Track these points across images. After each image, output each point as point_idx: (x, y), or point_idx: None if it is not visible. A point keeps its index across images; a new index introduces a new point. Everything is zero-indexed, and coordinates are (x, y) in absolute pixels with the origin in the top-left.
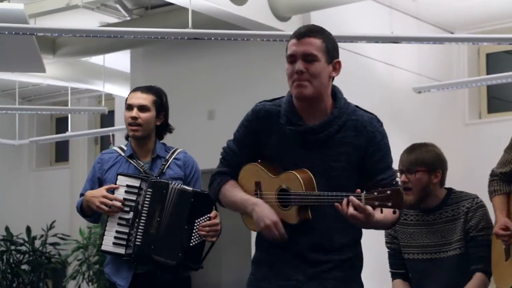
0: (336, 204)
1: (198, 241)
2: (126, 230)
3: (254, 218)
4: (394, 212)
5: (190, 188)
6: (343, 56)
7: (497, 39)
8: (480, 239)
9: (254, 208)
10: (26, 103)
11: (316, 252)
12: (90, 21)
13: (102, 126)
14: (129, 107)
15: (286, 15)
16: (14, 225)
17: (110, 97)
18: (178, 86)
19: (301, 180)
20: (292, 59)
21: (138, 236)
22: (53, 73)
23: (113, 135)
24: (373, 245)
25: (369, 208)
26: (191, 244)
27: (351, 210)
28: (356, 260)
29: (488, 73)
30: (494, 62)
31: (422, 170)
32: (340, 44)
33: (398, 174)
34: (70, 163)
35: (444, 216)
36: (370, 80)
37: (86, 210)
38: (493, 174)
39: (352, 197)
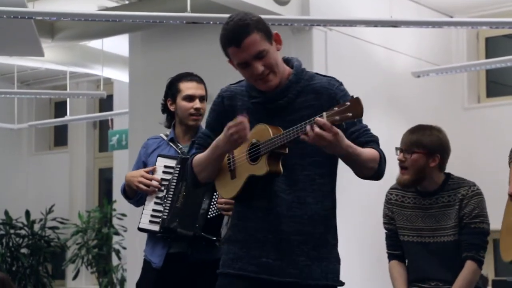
0: (302, 136)
1: (216, 213)
2: (160, 208)
3: (221, 144)
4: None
5: None
6: (342, 40)
7: (496, 23)
8: (473, 227)
9: (217, 143)
10: (24, 87)
11: (288, 219)
12: (89, 5)
13: (101, 111)
14: (191, 98)
15: None
16: (13, 209)
17: (108, 82)
18: (176, 70)
19: (269, 128)
20: (244, 65)
21: (165, 211)
22: (51, 57)
23: (111, 119)
24: (371, 229)
25: (335, 128)
26: (208, 216)
27: (316, 129)
28: (329, 236)
29: (487, 57)
30: (493, 46)
31: (420, 152)
32: (338, 28)
33: (398, 152)
34: (69, 147)
35: (440, 202)
36: (369, 64)
37: (128, 192)
38: None
39: (316, 118)
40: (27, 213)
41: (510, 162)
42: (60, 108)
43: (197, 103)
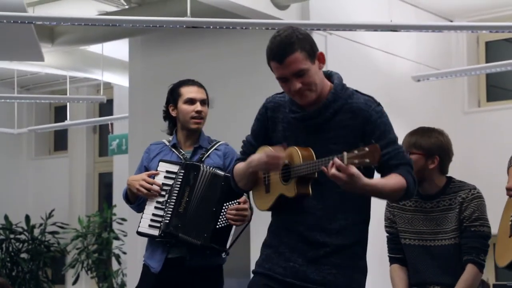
0: (322, 167)
1: (225, 224)
2: (161, 213)
3: (255, 165)
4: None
5: (222, 172)
6: (342, 44)
7: (496, 27)
8: (473, 230)
9: (251, 160)
10: (24, 91)
11: (317, 233)
12: (89, 9)
13: (100, 115)
14: (192, 101)
15: (285, 3)
16: (13, 213)
17: (108, 86)
18: (176, 74)
19: (299, 153)
20: (283, 80)
21: (167, 215)
22: (51, 62)
23: (111, 124)
24: (372, 229)
25: (351, 168)
26: (217, 227)
27: (332, 170)
28: (357, 248)
29: (487, 61)
30: (493, 50)
31: (418, 154)
32: (338, 33)
33: None
34: (69, 152)
35: (441, 205)
36: (369, 69)
37: (130, 196)
38: None
39: (335, 158)
40: (27, 218)
41: (509, 167)
42: (60, 113)
43: (198, 106)
